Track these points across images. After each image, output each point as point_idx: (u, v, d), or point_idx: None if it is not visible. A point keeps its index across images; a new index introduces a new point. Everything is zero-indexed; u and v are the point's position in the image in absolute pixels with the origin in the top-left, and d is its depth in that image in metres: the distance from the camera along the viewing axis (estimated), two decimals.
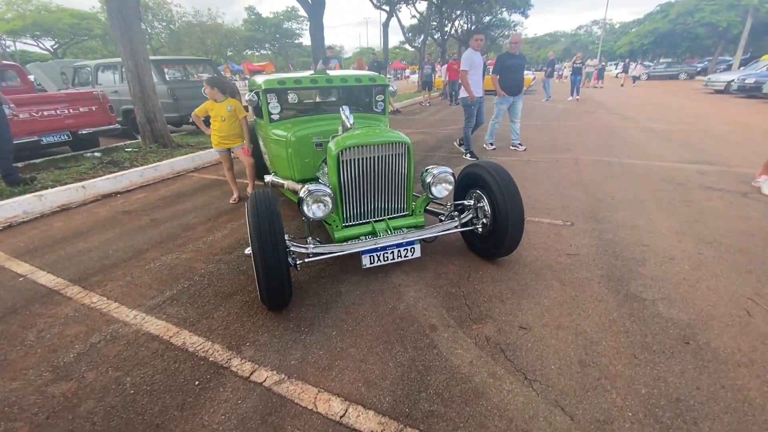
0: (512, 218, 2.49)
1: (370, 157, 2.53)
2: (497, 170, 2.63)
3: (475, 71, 5.66)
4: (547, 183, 4.61)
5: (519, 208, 2.51)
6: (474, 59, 5.60)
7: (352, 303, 2.37)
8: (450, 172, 2.65)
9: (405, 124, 10.10)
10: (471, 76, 5.66)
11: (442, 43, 25.31)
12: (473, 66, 5.61)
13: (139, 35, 6.09)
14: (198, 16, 28.23)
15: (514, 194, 2.52)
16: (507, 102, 6.17)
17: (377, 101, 3.98)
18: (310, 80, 3.59)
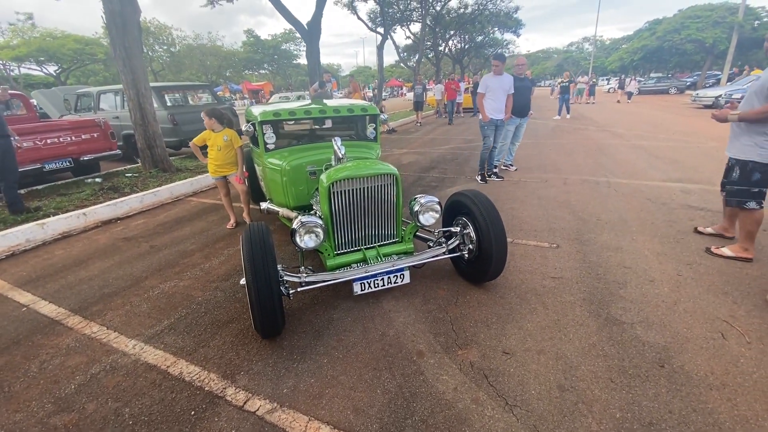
0: (495, 245, 2.60)
1: (359, 188, 2.66)
2: (480, 198, 2.76)
3: (492, 94, 5.68)
4: (535, 204, 4.74)
5: (501, 235, 2.62)
6: (490, 83, 5.67)
7: (343, 330, 2.46)
8: (436, 201, 2.77)
9: (400, 144, 10.32)
10: (487, 99, 5.71)
11: (436, 62, 25.98)
12: (489, 89, 5.68)
13: (141, 66, 6.32)
14: (198, 39, 28.98)
15: (496, 222, 2.64)
16: (513, 123, 6.27)
17: (369, 129, 4.14)
18: (304, 111, 3.75)
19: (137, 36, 6.23)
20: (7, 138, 4.52)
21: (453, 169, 7.04)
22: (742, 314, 2.41)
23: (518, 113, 6.16)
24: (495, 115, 5.73)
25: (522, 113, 6.22)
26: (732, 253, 3.09)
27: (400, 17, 21.18)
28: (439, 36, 26.40)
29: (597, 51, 55.64)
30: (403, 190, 3.97)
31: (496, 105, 5.72)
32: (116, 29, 6.01)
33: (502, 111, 5.76)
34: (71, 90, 9.44)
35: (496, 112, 5.74)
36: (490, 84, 5.69)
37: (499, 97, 5.68)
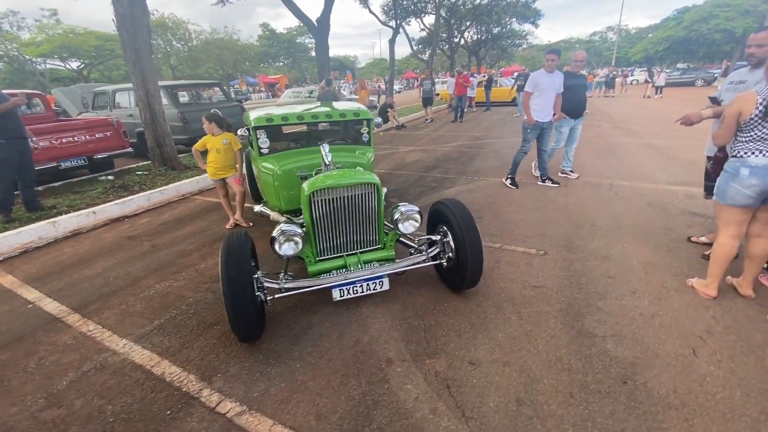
0: (471, 255, 2.63)
1: (340, 197, 2.73)
2: (457, 208, 2.79)
3: (540, 93, 5.18)
4: (531, 207, 4.71)
5: (477, 245, 2.65)
6: (539, 81, 5.15)
7: (320, 335, 2.55)
8: (416, 210, 2.81)
9: (407, 141, 10.31)
10: (535, 99, 5.22)
11: (451, 55, 25.61)
12: (537, 88, 5.17)
13: (150, 67, 6.51)
14: (214, 34, 29.38)
15: (471, 232, 2.66)
16: (568, 125, 5.66)
17: (362, 133, 4.19)
18: (297, 117, 3.84)
19: (146, 38, 6.41)
20: (24, 140, 4.77)
21: (456, 168, 7.02)
22: (719, 330, 2.38)
23: (573, 113, 5.55)
24: (542, 118, 5.23)
25: (576, 113, 5.59)
26: (708, 240, 3.30)
27: (413, 9, 20.94)
28: (455, 27, 26.00)
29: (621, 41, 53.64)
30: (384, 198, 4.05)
31: (545, 106, 5.20)
32: (126, 31, 6.20)
33: (551, 112, 5.28)
34: (89, 88, 9.81)
35: (543, 114, 5.22)
36: (541, 82, 5.13)
37: (549, 97, 5.18)
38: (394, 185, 6.09)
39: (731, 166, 2.49)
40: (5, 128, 4.49)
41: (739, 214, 2.49)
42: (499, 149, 8.55)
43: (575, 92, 5.45)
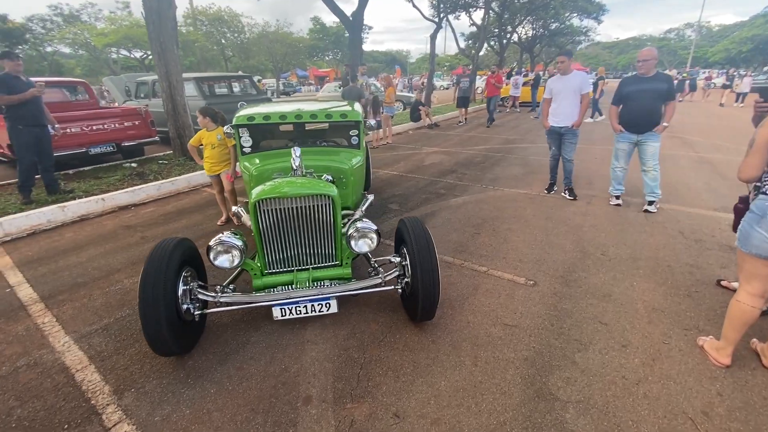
0: (422, 285, 2.30)
1: (290, 208, 2.51)
2: (414, 227, 2.47)
3: (555, 98, 4.90)
4: (539, 226, 4.21)
5: (430, 273, 2.31)
6: (551, 85, 4.93)
7: (250, 357, 2.36)
8: (373, 228, 2.52)
9: (434, 141, 9.88)
10: (552, 103, 4.96)
11: (500, 52, 24.39)
12: (552, 93, 4.92)
13: (174, 60, 6.67)
14: (266, 27, 30.33)
15: (425, 258, 2.33)
16: (626, 140, 4.55)
17: (351, 135, 3.94)
18: (279, 116, 3.66)
19: (172, 31, 6.58)
20: (43, 127, 5.03)
21: (473, 174, 6.55)
22: (721, 413, 1.88)
23: (635, 126, 4.40)
24: (557, 122, 4.92)
25: (640, 126, 4.35)
26: None
27: (462, 3, 20.11)
28: (507, 23, 24.71)
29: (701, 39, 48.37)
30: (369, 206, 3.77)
31: (558, 110, 4.88)
32: (153, 24, 6.39)
33: (569, 116, 4.81)
34: (133, 78, 10.40)
35: (558, 119, 4.90)
36: (554, 87, 4.91)
37: (564, 100, 4.82)
38: (400, 190, 5.78)
39: (758, 205, 1.95)
40: (25, 115, 4.75)
41: (764, 267, 1.95)
42: (528, 156, 7.90)
43: (638, 100, 4.32)
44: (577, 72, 4.88)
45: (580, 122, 4.84)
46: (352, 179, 3.61)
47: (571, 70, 4.86)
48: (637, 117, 4.38)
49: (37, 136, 4.92)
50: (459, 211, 4.79)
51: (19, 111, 4.73)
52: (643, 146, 4.47)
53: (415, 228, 2.47)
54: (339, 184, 3.56)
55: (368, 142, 9.58)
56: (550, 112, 5.05)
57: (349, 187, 3.62)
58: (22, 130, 4.76)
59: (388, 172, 6.90)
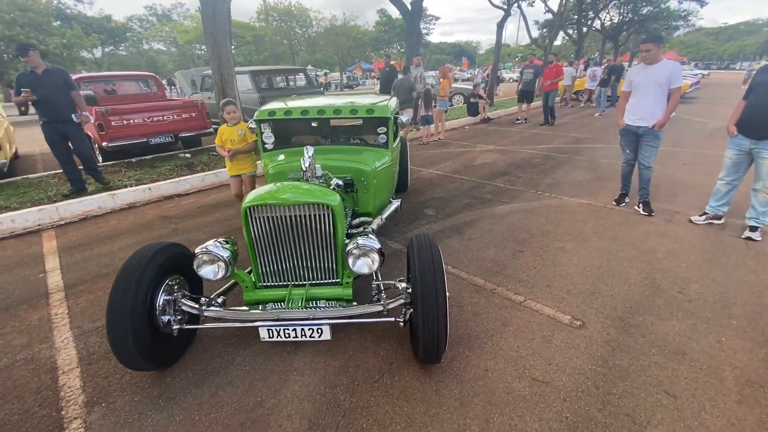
0: (423, 323, 1.87)
1: (284, 216, 2.21)
2: (422, 250, 2.03)
3: (637, 92, 4.06)
4: (599, 248, 3.49)
5: (433, 312, 1.86)
6: (631, 77, 4.11)
7: (229, 382, 2.12)
8: (376, 248, 2.12)
9: (491, 138, 9.11)
10: (630, 98, 4.16)
11: (578, 41, 22.11)
12: (633, 86, 4.11)
13: (226, 53, 6.77)
14: (333, 21, 30.83)
15: (429, 291, 1.89)
16: (735, 147, 3.66)
17: (379, 134, 3.55)
18: (301, 111, 3.40)
19: (225, 25, 6.66)
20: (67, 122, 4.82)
21: (528, 178, 5.81)
22: None
23: (753, 129, 3.49)
24: (635, 121, 4.08)
25: (762, 129, 3.44)
26: None
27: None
28: (588, 8, 22.33)
29: None
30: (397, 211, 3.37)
31: (637, 106, 4.05)
32: (207, 18, 6.52)
33: (651, 114, 3.96)
34: (199, 72, 10.98)
35: (635, 117, 4.08)
36: (635, 78, 4.06)
37: (646, 95, 3.98)
38: (441, 192, 5.28)
39: None
40: (44, 112, 4.74)
41: None
42: (599, 158, 6.89)
43: (764, 94, 3.39)
44: (666, 62, 3.95)
45: (665, 122, 3.95)
46: (374, 183, 3.24)
47: (659, 59, 3.95)
48: (759, 116, 3.42)
49: (59, 131, 4.85)
50: (503, 221, 4.19)
51: (38, 108, 4.71)
52: (761, 159, 3.49)
53: (423, 250, 2.03)
54: (360, 188, 3.22)
55: (418, 138, 9.11)
56: (628, 109, 4.21)
57: (370, 192, 3.25)
58: (44, 126, 4.79)
59: (432, 172, 6.40)
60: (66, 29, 17.25)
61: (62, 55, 16.18)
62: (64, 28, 16.96)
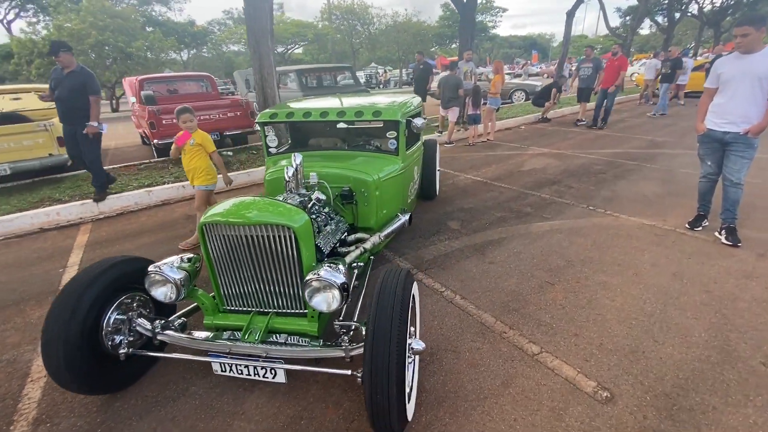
0: (371, 392, 1.47)
1: (243, 236, 1.94)
2: (385, 294, 1.64)
3: (726, 87, 3.21)
4: (656, 287, 2.77)
5: (384, 382, 1.46)
6: (724, 69, 3.21)
7: (172, 417, 1.91)
8: (337, 283, 1.76)
9: (547, 140, 8.19)
10: (716, 96, 3.33)
11: (668, 28, 19.39)
12: (719, 80, 3.26)
13: (267, 53, 6.78)
14: (395, 17, 30.55)
15: (381, 337, 1.49)
16: None
17: (389, 138, 3.16)
18: (303, 114, 3.13)
19: (266, 24, 6.66)
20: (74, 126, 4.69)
21: (581, 189, 5.01)
22: None
23: None
24: (722, 125, 3.26)
25: None
26: None
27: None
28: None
29: None
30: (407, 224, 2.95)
31: (730, 107, 3.19)
32: (249, 18, 6.58)
33: (744, 117, 3.12)
34: None
35: (724, 120, 3.24)
36: (724, 71, 3.20)
37: (737, 92, 3.13)
38: (473, 202, 4.72)
39: None
40: (59, 111, 4.77)
41: None
42: (677, 168, 5.78)
43: None
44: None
45: (764, 128, 3.06)
46: (376, 194, 2.87)
47: (760, 46, 3.06)
48: None
49: (69, 134, 4.82)
50: (538, 242, 3.57)
51: (57, 107, 4.77)
52: None
53: (386, 294, 1.63)
54: (360, 199, 2.88)
55: (464, 139, 8.49)
56: (712, 109, 3.37)
57: (371, 204, 2.89)
58: (63, 126, 4.84)
59: (470, 177, 5.82)
60: (149, 34, 19.03)
61: (145, 56, 17.89)
62: (146, 33, 18.71)
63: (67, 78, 4.53)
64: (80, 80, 4.55)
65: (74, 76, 4.55)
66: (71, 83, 4.52)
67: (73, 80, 4.53)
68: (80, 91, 4.56)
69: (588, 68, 8.95)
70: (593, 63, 8.88)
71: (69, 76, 4.53)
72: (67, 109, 4.63)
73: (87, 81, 4.60)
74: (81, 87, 4.56)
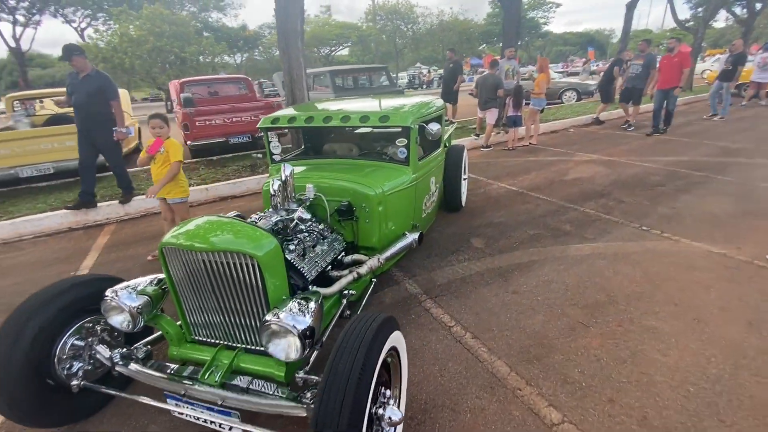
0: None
1: (202, 261, 1.70)
2: (347, 347, 1.30)
3: None
4: (724, 339, 2.18)
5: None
6: None
7: None
8: (297, 330, 1.46)
9: (597, 145, 7.39)
10: None
11: (748, 20, 17.10)
12: None
13: (296, 53, 6.65)
14: (441, 16, 29.89)
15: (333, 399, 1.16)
16: None
17: (399, 146, 2.81)
18: (305, 119, 2.87)
19: (296, 25, 6.53)
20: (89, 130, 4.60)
21: (633, 205, 4.33)
22: None
23: None
24: None
25: None
26: None
27: None
28: None
29: None
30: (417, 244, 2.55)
31: None
32: (280, 20, 6.48)
33: None
34: None
35: None
36: None
37: None
38: (504, 216, 4.23)
39: None
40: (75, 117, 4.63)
41: None
42: (756, 181, 4.88)
43: None
44: None
45: None
46: (378, 210, 2.53)
47: None
48: None
49: (86, 138, 4.65)
50: (574, 269, 3.04)
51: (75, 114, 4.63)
52: None
53: (345, 354, 1.29)
54: (361, 215, 2.56)
55: (503, 143, 7.89)
56: None
57: (373, 221, 2.56)
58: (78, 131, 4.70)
59: (505, 186, 5.29)
60: (201, 39, 20.01)
61: (197, 60, 18.81)
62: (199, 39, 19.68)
63: (82, 83, 4.45)
64: (96, 84, 4.47)
65: (90, 80, 4.46)
66: (88, 88, 4.44)
67: (89, 85, 4.44)
68: (97, 95, 4.48)
69: (638, 66, 7.88)
70: (645, 59, 7.83)
71: (85, 81, 4.45)
72: (85, 114, 4.53)
73: (104, 85, 4.53)
74: (97, 91, 4.47)
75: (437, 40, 30.03)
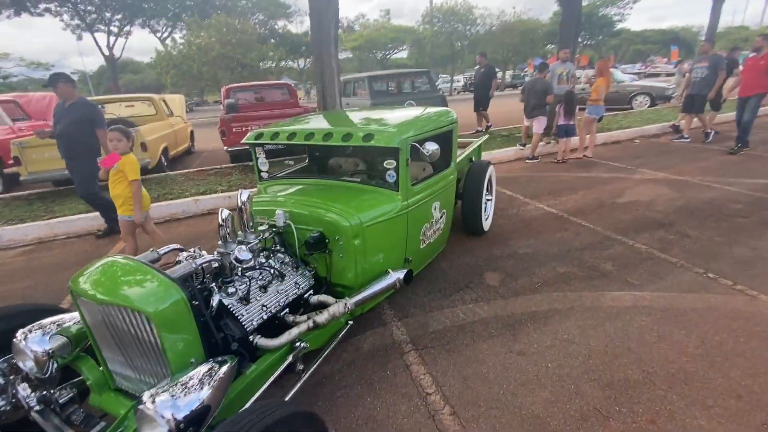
0: None
1: (100, 312, 1.49)
2: None
3: None
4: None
5: None
6: None
7: None
8: (177, 418, 1.16)
9: (667, 159, 6.35)
10: None
11: None
12: None
13: (328, 59, 6.51)
14: (502, 16, 28.53)
15: None
16: None
17: (387, 169, 2.42)
18: (288, 135, 2.59)
19: (330, 30, 6.39)
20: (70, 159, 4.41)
21: (700, 239, 3.51)
22: None
23: None
24: None
25: None
26: None
27: None
28: None
29: None
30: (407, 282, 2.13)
31: None
32: (314, 25, 6.39)
33: None
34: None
35: None
36: None
37: None
38: (533, 246, 3.63)
39: None
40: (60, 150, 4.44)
41: None
42: None
43: None
44: None
45: None
46: (354, 243, 2.18)
47: None
48: None
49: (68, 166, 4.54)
50: (605, 327, 2.43)
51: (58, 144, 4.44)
52: None
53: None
54: (334, 249, 2.23)
55: (552, 154, 7.09)
56: None
57: (348, 255, 2.21)
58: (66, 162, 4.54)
59: (542, 207, 4.63)
60: (261, 46, 21.03)
61: (257, 66, 19.81)
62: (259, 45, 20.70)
63: (68, 111, 4.20)
64: (82, 112, 4.21)
65: (75, 108, 4.21)
66: (73, 116, 4.18)
67: (74, 113, 4.19)
68: (83, 123, 4.20)
69: (703, 69, 6.59)
70: (710, 62, 6.51)
71: (70, 109, 4.21)
72: (67, 142, 4.26)
73: (88, 112, 4.25)
74: (82, 119, 4.20)
75: (497, 41, 28.69)
